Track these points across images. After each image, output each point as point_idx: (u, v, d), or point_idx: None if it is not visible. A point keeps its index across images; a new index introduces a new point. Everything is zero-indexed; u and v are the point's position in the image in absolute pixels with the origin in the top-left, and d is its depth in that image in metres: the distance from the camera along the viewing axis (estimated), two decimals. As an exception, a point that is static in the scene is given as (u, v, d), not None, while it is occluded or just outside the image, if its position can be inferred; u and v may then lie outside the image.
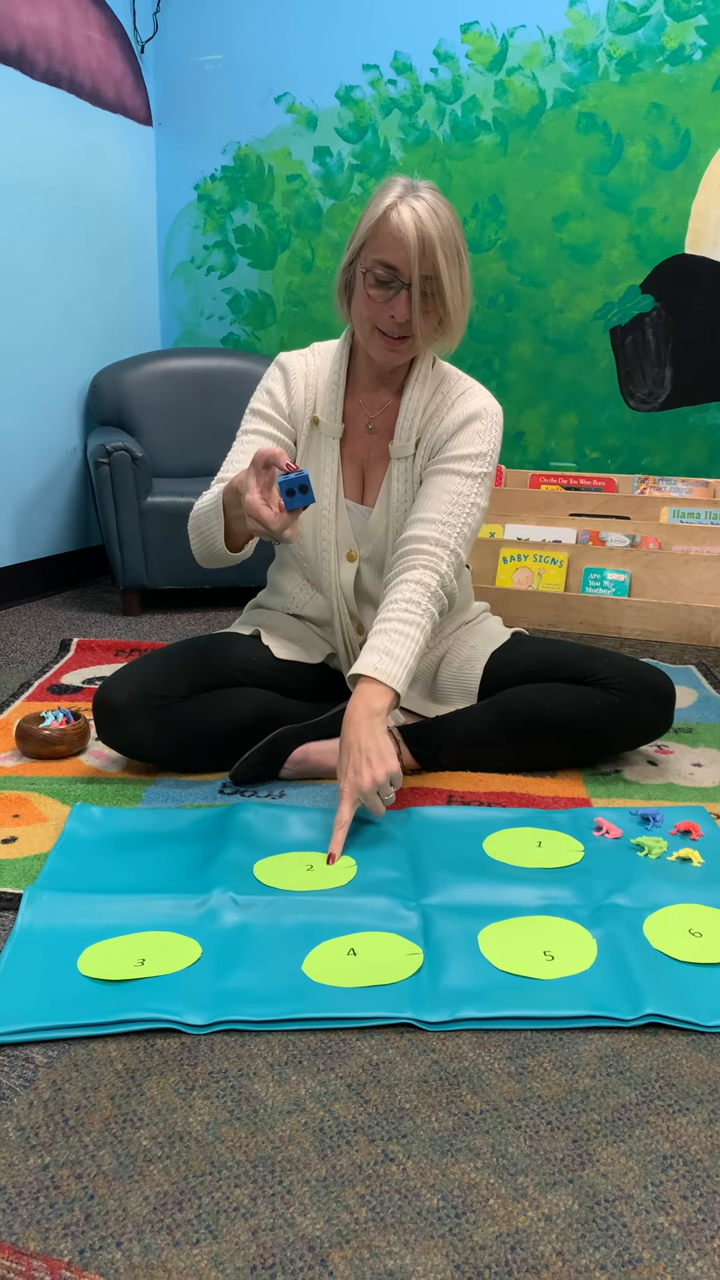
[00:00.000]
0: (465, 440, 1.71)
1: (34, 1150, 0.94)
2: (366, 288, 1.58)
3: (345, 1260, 0.83)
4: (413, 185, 1.57)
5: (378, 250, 1.55)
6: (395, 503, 1.75)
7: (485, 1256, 0.83)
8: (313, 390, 1.76)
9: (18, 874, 1.43)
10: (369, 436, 1.77)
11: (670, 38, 3.03)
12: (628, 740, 1.83)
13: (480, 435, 1.72)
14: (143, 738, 1.71)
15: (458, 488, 1.69)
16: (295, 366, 1.77)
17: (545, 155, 3.23)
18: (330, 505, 1.75)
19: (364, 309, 1.61)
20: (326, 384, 1.75)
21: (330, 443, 1.75)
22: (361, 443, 1.78)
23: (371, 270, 1.56)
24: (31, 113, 3.03)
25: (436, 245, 1.52)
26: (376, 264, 1.55)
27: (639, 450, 3.34)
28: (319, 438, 1.76)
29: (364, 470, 1.79)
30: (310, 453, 1.77)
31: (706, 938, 1.27)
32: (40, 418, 3.22)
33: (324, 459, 1.76)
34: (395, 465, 1.74)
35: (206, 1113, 0.99)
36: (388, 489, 1.76)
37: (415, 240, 1.51)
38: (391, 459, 1.74)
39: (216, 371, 3.39)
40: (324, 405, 1.75)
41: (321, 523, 1.76)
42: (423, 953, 1.23)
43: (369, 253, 1.56)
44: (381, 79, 3.33)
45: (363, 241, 1.57)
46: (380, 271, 1.55)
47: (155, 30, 3.52)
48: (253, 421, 1.77)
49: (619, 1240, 0.85)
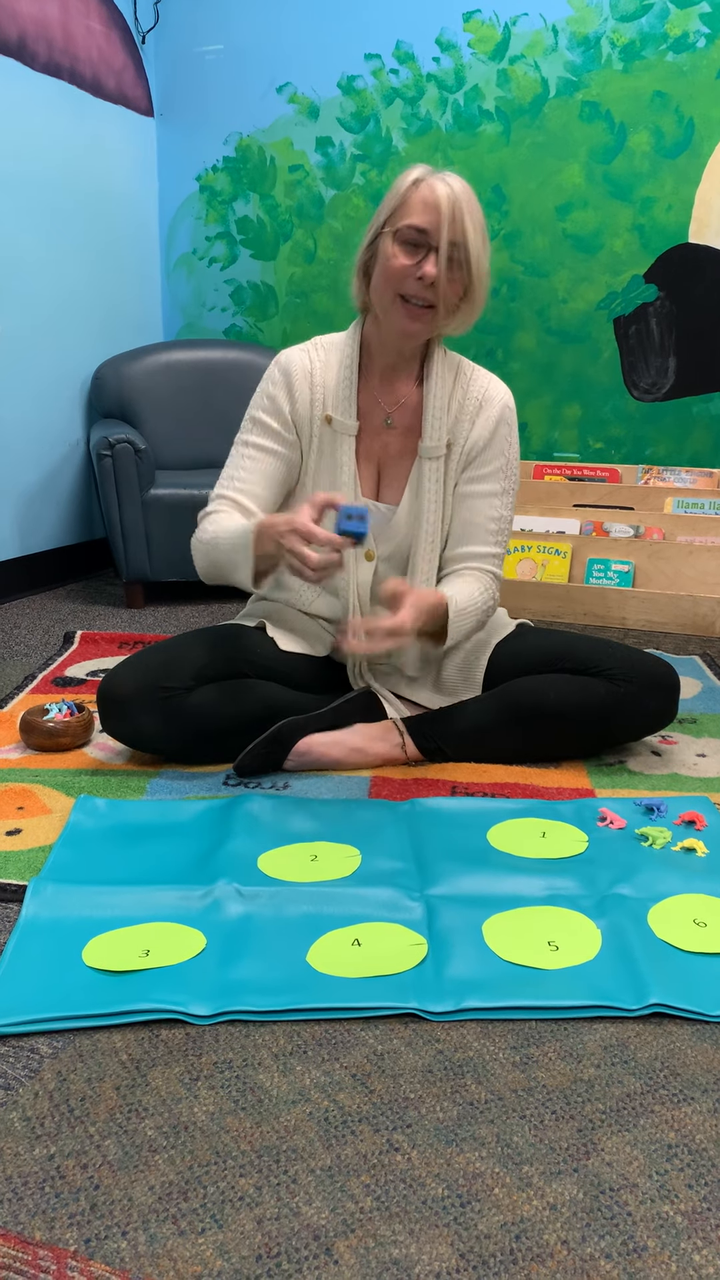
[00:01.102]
0: (498, 449, 1.76)
1: (39, 1140, 0.94)
2: (395, 248, 1.58)
3: (350, 1249, 0.83)
4: (432, 169, 1.60)
5: (407, 215, 1.57)
6: (428, 504, 1.73)
7: (490, 1245, 0.83)
8: (320, 388, 1.73)
9: (22, 866, 1.43)
10: (387, 431, 1.75)
11: (674, 25, 3.02)
12: (632, 731, 1.83)
13: (508, 439, 1.77)
14: (147, 729, 1.71)
15: (499, 511, 1.77)
16: (298, 365, 1.73)
17: (548, 144, 3.21)
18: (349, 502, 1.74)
19: (390, 273, 1.60)
20: (337, 379, 1.72)
21: (346, 440, 1.72)
22: (378, 438, 1.75)
23: (401, 232, 1.57)
24: (32, 104, 3.02)
25: (465, 213, 1.55)
26: (407, 228, 1.57)
27: (643, 440, 3.33)
28: (332, 436, 1.73)
29: (381, 466, 1.76)
30: (323, 453, 1.74)
31: (711, 928, 1.27)
32: (42, 410, 3.21)
33: (340, 457, 1.73)
34: (426, 465, 1.72)
35: (211, 1103, 0.99)
36: (417, 489, 1.74)
37: (447, 205, 1.54)
38: (421, 458, 1.72)
39: (219, 363, 3.38)
40: (336, 401, 1.72)
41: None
42: (427, 943, 1.23)
43: (398, 219, 1.58)
44: (383, 68, 3.32)
45: (391, 211, 1.59)
46: (410, 234, 1.57)
47: (156, 20, 3.50)
48: (253, 433, 1.75)
49: (624, 1229, 0.85)
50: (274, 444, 1.73)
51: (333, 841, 1.50)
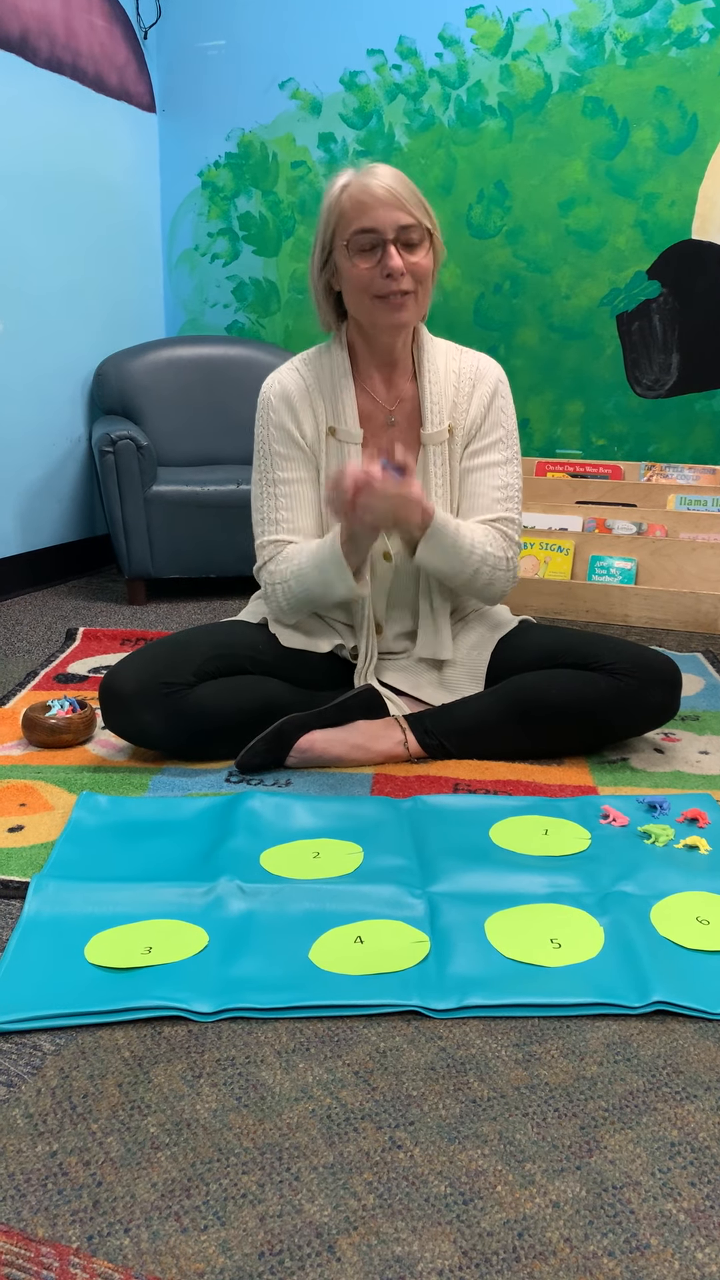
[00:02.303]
0: (495, 420, 1.77)
1: (42, 1137, 0.94)
2: (353, 260, 1.61)
3: (353, 1246, 0.83)
4: (357, 165, 1.64)
5: (350, 223, 1.60)
6: (435, 490, 1.74)
7: (493, 1243, 0.83)
8: (319, 402, 1.73)
9: (24, 863, 1.43)
10: (391, 430, 1.75)
11: (677, 20, 3.01)
12: (634, 726, 1.83)
13: (505, 410, 1.79)
14: (149, 725, 1.71)
15: (503, 479, 1.78)
16: (292, 385, 1.74)
17: (551, 140, 3.21)
18: None
19: (359, 283, 1.62)
20: (333, 390, 1.72)
21: (353, 449, 1.73)
22: (384, 437, 1.76)
23: (352, 242, 1.60)
24: (34, 100, 3.01)
25: (401, 194, 1.58)
26: (355, 234, 1.59)
27: (645, 437, 3.32)
28: (338, 446, 1.74)
29: None
30: (331, 465, 1.74)
31: (714, 925, 1.27)
32: (44, 407, 3.21)
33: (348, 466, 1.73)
34: (431, 452, 1.73)
35: (214, 1100, 0.99)
36: (423, 478, 1.74)
37: (384, 193, 1.57)
38: (425, 446, 1.73)
39: (221, 359, 3.38)
40: (337, 413, 1.72)
41: None
42: (429, 940, 1.23)
43: (343, 230, 1.61)
44: (386, 64, 3.31)
45: (333, 226, 1.62)
46: (361, 239, 1.59)
47: (158, 16, 3.49)
48: (283, 468, 1.74)
49: (627, 1227, 0.85)
50: (302, 472, 1.74)
51: (335, 839, 1.50)
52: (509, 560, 1.78)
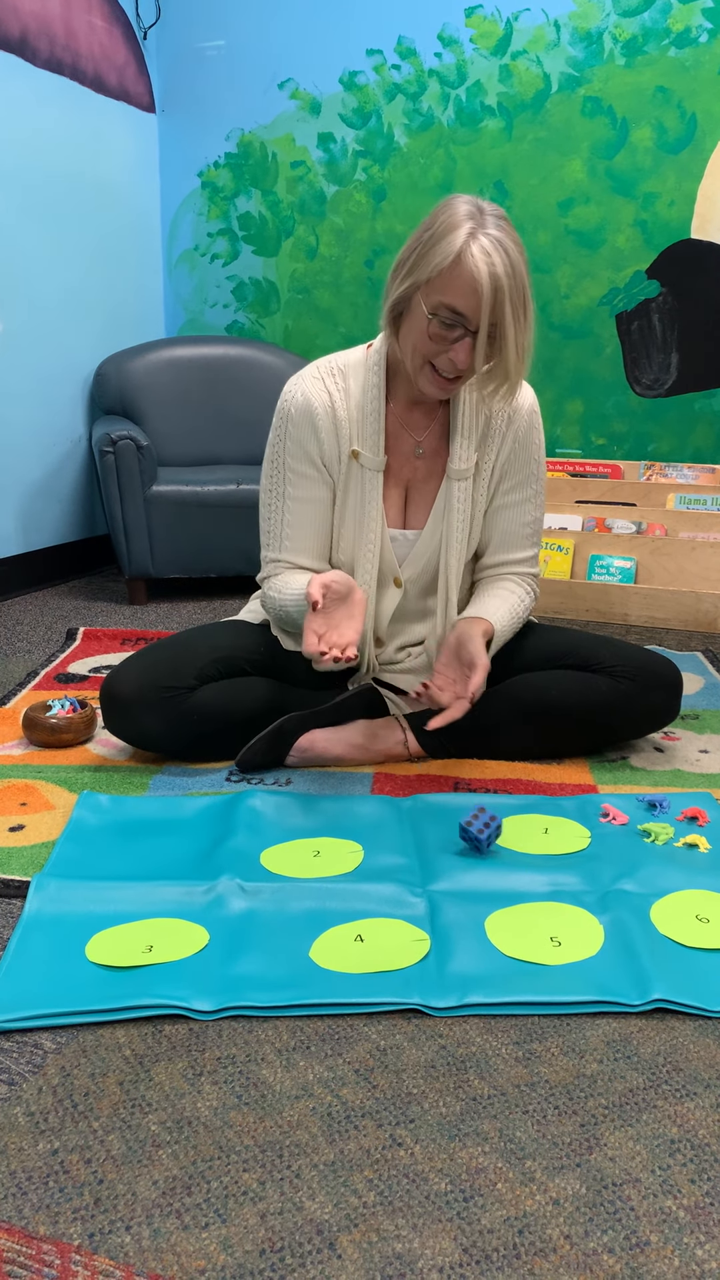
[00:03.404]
0: (528, 456, 1.74)
1: (43, 1135, 0.94)
2: (430, 329, 1.51)
3: (354, 1244, 0.83)
4: (478, 211, 1.48)
5: (446, 292, 1.47)
6: (456, 526, 1.70)
7: (493, 1240, 0.83)
8: (345, 423, 1.66)
9: (25, 862, 1.43)
10: (416, 459, 1.71)
11: (676, 20, 3.01)
12: (634, 728, 1.83)
13: (537, 443, 1.75)
14: (150, 729, 1.71)
15: (533, 515, 1.78)
16: (317, 401, 1.65)
17: (550, 140, 3.21)
18: (375, 539, 1.69)
19: (421, 346, 1.54)
20: (361, 412, 1.65)
21: (373, 475, 1.67)
22: (407, 465, 1.71)
23: (439, 309, 1.49)
24: (34, 100, 3.01)
25: (506, 295, 1.46)
26: (445, 308, 1.48)
27: (645, 436, 3.32)
28: (360, 471, 1.67)
29: (408, 490, 1.73)
30: (350, 489, 1.68)
31: (713, 923, 1.27)
32: (45, 407, 3.21)
33: (367, 493, 1.68)
34: (454, 487, 1.69)
35: (215, 1098, 0.99)
36: (445, 511, 1.71)
37: (489, 288, 1.45)
38: (449, 480, 1.69)
39: (221, 359, 3.38)
40: (363, 437, 1.66)
41: (365, 557, 1.70)
42: (430, 939, 1.23)
43: (435, 294, 1.48)
44: (385, 64, 3.31)
45: (431, 275, 1.48)
46: (447, 315, 1.49)
47: (158, 16, 3.50)
48: (296, 485, 1.68)
49: (627, 1224, 0.85)
50: (316, 491, 1.68)
51: (335, 837, 1.50)
52: (536, 595, 1.81)
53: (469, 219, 1.47)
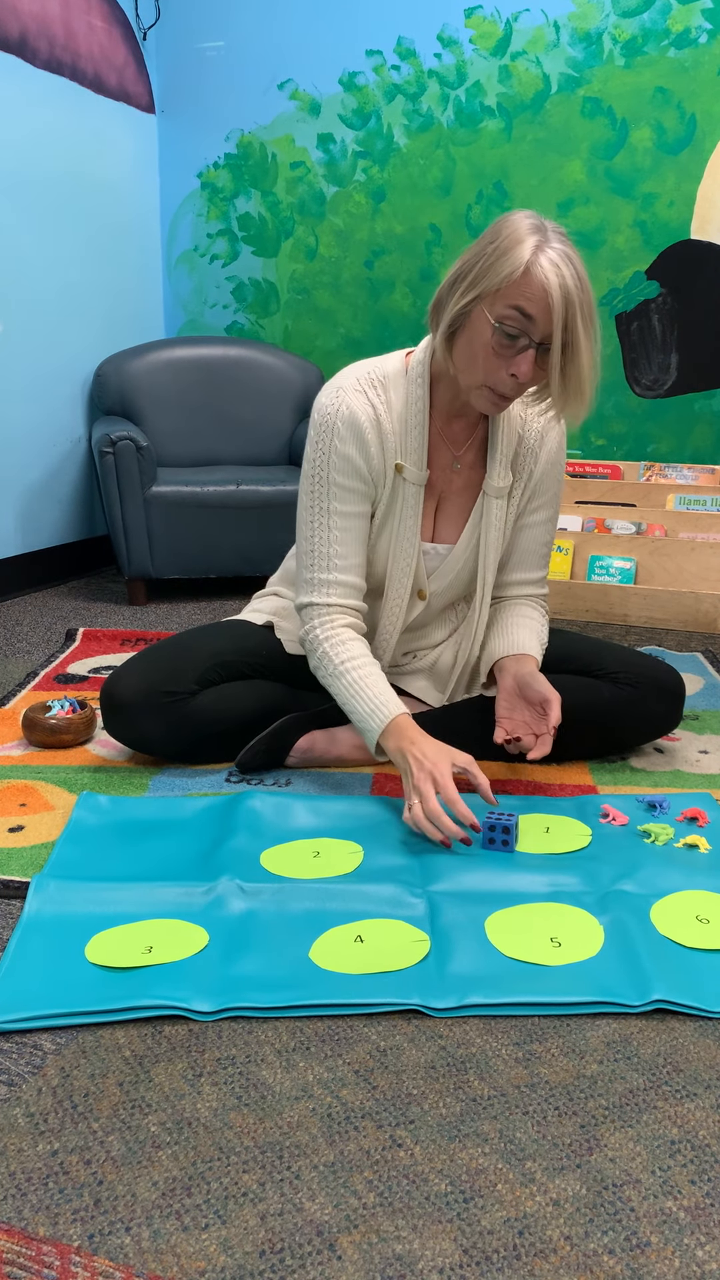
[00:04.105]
0: (554, 477, 1.75)
1: (43, 1136, 0.94)
2: (494, 340, 1.45)
3: (354, 1245, 0.83)
4: (542, 225, 1.45)
5: (514, 296, 1.42)
6: (490, 542, 1.70)
7: (493, 1241, 0.83)
8: (390, 436, 1.62)
9: (25, 862, 1.43)
10: (452, 473, 1.69)
11: (676, 21, 3.01)
12: (636, 735, 1.83)
13: (561, 467, 1.77)
14: (151, 733, 1.71)
15: (549, 535, 1.80)
16: (363, 415, 1.60)
17: (550, 140, 3.21)
18: (412, 553, 1.67)
19: (481, 362, 1.48)
20: (405, 425, 1.62)
21: (415, 489, 1.64)
22: (442, 478, 1.69)
23: (506, 316, 1.43)
24: (33, 101, 3.01)
25: (578, 307, 1.42)
26: (513, 313, 1.43)
27: (645, 437, 3.32)
28: (402, 484, 1.64)
29: (441, 503, 1.71)
30: (393, 501, 1.65)
31: (713, 924, 1.27)
32: (44, 407, 3.21)
33: (407, 505, 1.65)
34: (491, 503, 1.68)
35: (215, 1099, 0.99)
36: (481, 526, 1.69)
37: (560, 299, 1.40)
38: (485, 495, 1.68)
39: (220, 360, 3.38)
40: (406, 450, 1.62)
41: (400, 570, 1.68)
42: (430, 939, 1.23)
43: (502, 303, 1.43)
44: (385, 65, 3.31)
45: (497, 285, 1.43)
46: (514, 324, 1.44)
47: (157, 17, 3.50)
48: (342, 499, 1.62)
49: (627, 1224, 0.85)
50: (362, 505, 1.64)
51: (335, 838, 1.50)
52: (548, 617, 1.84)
53: (534, 233, 1.43)
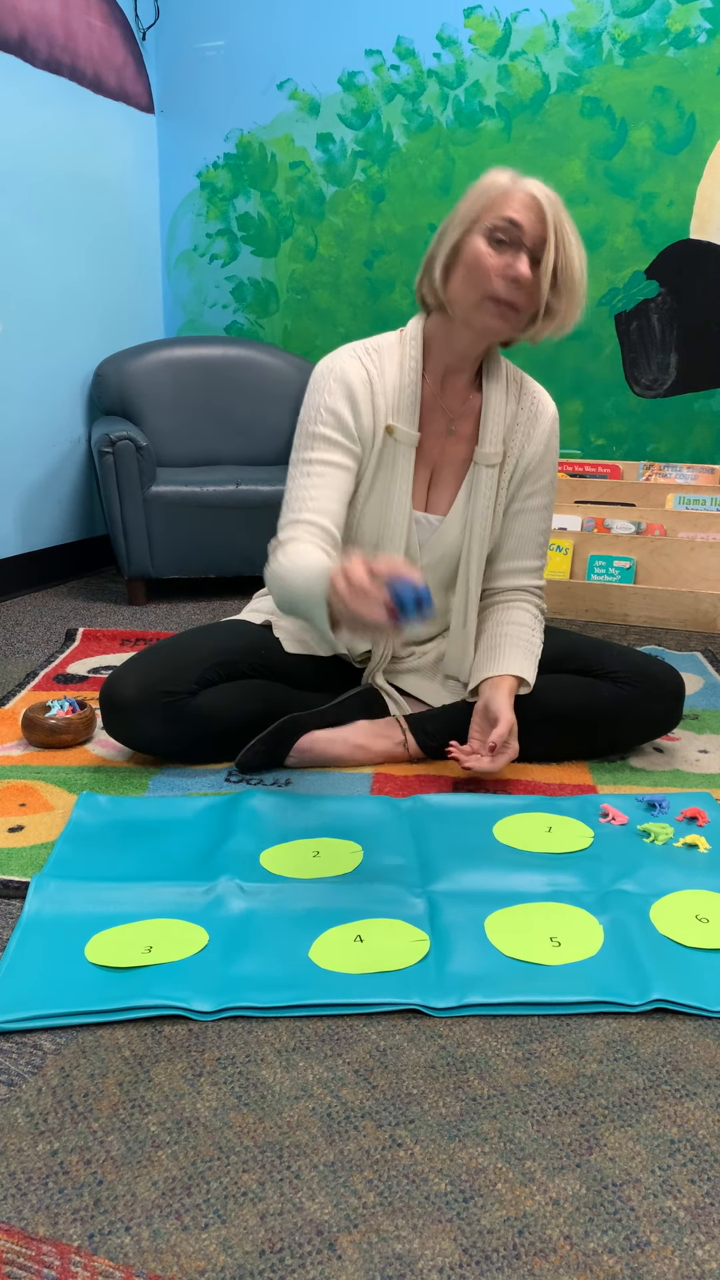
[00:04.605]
0: (548, 463, 1.76)
1: (43, 1136, 0.94)
2: (486, 247, 1.51)
3: (354, 1244, 0.83)
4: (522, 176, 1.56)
5: (501, 209, 1.51)
6: (479, 514, 1.70)
7: (493, 1240, 0.83)
8: (381, 395, 1.65)
9: (25, 862, 1.43)
10: (447, 438, 1.70)
11: (675, 20, 3.01)
12: (635, 734, 1.83)
13: (555, 450, 1.77)
14: (151, 733, 1.71)
15: (546, 524, 1.80)
16: (355, 374, 1.64)
17: (549, 140, 3.21)
18: (403, 519, 1.68)
19: (478, 273, 1.52)
20: (398, 385, 1.65)
21: (406, 451, 1.66)
22: (437, 444, 1.70)
23: (496, 227, 1.50)
24: (32, 101, 3.01)
25: (562, 208, 1.53)
26: (503, 221, 1.50)
27: (644, 437, 3.32)
28: (393, 446, 1.66)
29: (434, 472, 1.72)
30: (382, 464, 1.67)
31: (713, 923, 1.27)
32: (44, 407, 3.21)
33: (399, 468, 1.67)
34: (481, 473, 1.68)
35: (214, 1099, 0.99)
36: (470, 498, 1.70)
37: (548, 205, 1.51)
38: (476, 465, 1.69)
39: (220, 360, 3.38)
40: (398, 410, 1.65)
41: (393, 535, 1.68)
42: (429, 939, 1.23)
43: (489, 215, 1.51)
44: (384, 64, 3.31)
45: (481, 209, 1.52)
46: (506, 229, 1.50)
47: (157, 17, 3.50)
48: (320, 449, 1.63)
49: (627, 1224, 0.85)
50: (342, 458, 1.64)
51: (335, 838, 1.50)
52: (544, 613, 1.83)
53: (509, 171, 1.56)
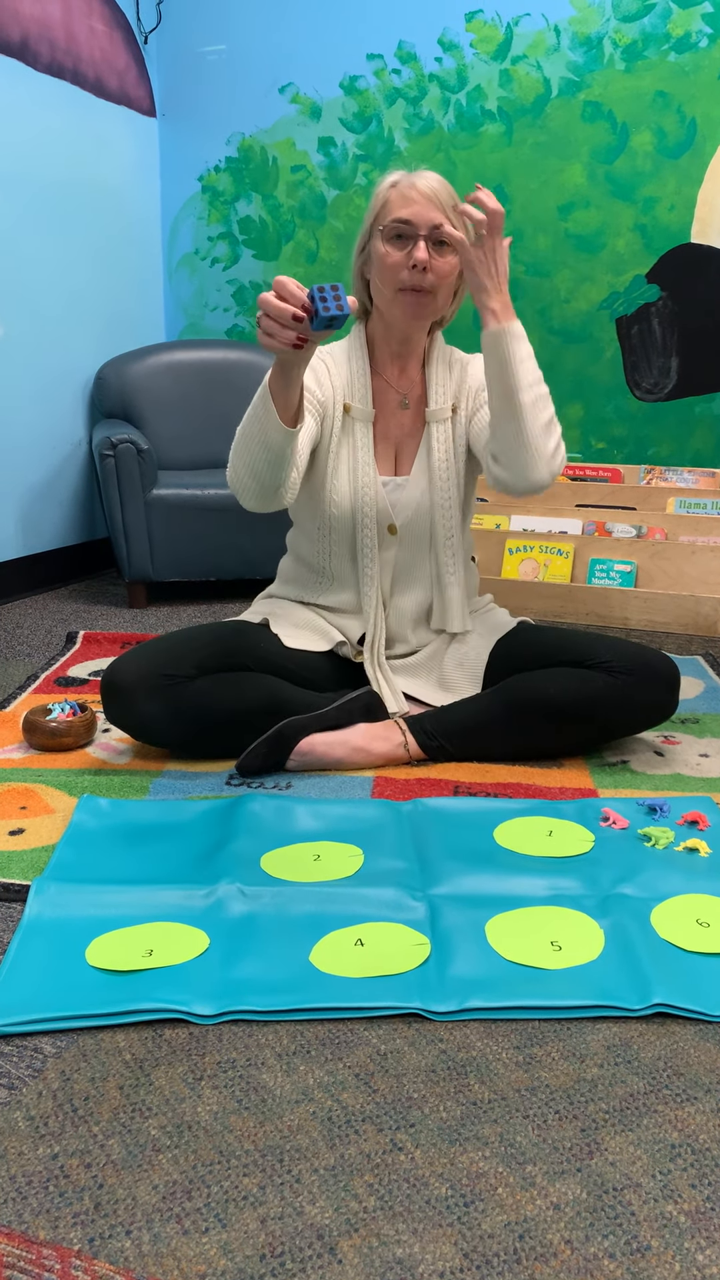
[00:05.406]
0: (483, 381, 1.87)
1: (43, 1140, 0.94)
2: (385, 246, 1.70)
3: (354, 1249, 0.83)
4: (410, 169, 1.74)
5: (390, 212, 1.69)
6: (437, 465, 1.83)
7: (494, 1245, 0.83)
8: (336, 379, 1.83)
9: (25, 865, 1.43)
10: (402, 413, 1.85)
11: (676, 25, 3.02)
12: (632, 724, 1.83)
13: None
14: (149, 717, 1.71)
15: None
16: (315, 361, 1.82)
17: (550, 144, 3.21)
18: (371, 483, 1.81)
19: (385, 269, 1.71)
20: (350, 371, 1.83)
21: (364, 426, 1.82)
22: (394, 420, 1.85)
23: (388, 229, 1.69)
24: (35, 104, 3.02)
25: (442, 197, 1.68)
26: (392, 223, 1.68)
27: (645, 440, 3.33)
28: (351, 423, 1.83)
29: (399, 446, 1.86)
30: (344, 439, 1.83)
31: (714, 928, 1.27)
32: (45, 410, 3.22)
33: (359, 440, 1.82)
34: (434, 429, 1.83)
35: (215, 1102, 0.99)
36: (427, 454, 1.84)
37: (424, 193, 1.67)
38: (429, 423, 1.83)
39: (221, 364, 3.39)
40: (352, 391, 1.83)
41: (364, 499, 1.81)
42: (430, 943, 1.23)
43: (382, 219, 1.70)
44: (386, 68, 3.32)
45: (375, 215, 1.72)
46: (396, 227, 1.68)
47: (159, 21, 3.50)
48: None
49: (627, 1229, 0.85)
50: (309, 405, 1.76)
51: (335, 841, 1.50)
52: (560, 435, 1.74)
53: (399, 172, 1.73)
